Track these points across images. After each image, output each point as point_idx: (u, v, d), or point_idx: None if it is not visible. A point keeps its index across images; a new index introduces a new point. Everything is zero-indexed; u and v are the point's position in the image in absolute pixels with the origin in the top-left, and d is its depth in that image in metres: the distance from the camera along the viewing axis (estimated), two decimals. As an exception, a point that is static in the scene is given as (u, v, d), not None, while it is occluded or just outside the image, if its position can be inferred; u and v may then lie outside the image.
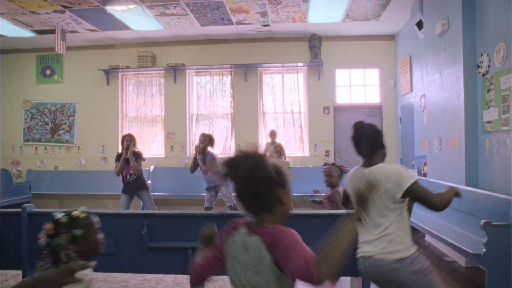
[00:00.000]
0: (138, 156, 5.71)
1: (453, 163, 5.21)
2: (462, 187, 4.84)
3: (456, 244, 4.14)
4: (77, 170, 9.08)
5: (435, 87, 5.89)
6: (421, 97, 6.68)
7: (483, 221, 3.60)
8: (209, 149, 5.82)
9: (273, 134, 7.82)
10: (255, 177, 1.46)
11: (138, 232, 3.09)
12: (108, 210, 3.15)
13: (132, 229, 3.12)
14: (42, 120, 9.32)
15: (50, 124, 9.30)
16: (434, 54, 5.87)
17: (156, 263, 3.16)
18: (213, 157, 5.68)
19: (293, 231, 1.41)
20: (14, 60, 9.40)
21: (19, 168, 9.17)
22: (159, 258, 3.14)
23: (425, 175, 6.42)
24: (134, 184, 5.64)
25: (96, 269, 3.49)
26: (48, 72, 9.36)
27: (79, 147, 9.18)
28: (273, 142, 7.73)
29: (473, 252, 3.70)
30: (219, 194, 5.80)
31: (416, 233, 6.47)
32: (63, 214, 1.82)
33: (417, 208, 6.35)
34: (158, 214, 3.13)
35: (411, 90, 7.35)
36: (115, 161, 5.82)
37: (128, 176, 5.63)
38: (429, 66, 6.17)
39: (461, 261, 4.79)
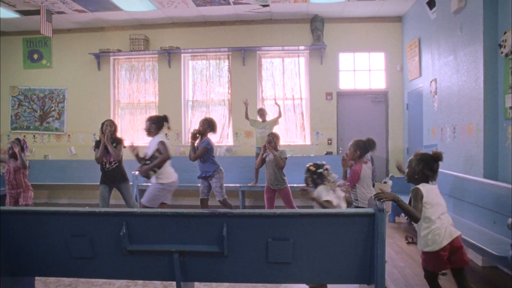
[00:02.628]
0: (118, 142, 5.37)
1: (469, 152, 4.78)
2: (479, 179, 4.44)
3: (476, 243, 3.74)
4: (67, 159, 8.66)
5: (448, 70, 5.43)
6: (431, 81, 6.23)
7: (510, 220, 3.19)
8: (209, 135, 5.45)
9: (262, 113, 7.41)
10: None
11: (116, 233, 2.68)
12: (81, 209, 2.72)
13: (109, 229, 2.71)
14: (30, 107, 8.88)
15: (38, 111, 8.86)
16: (448, 34, 5.40)
17: (137, 268, 2.75)
18: (205, 146, 5.26)
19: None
20: (0, 44, 8.91)
21: (7, 157, 8.73)
22: (141, 263, 2.74)
23: (435, 165, 5.99)
24: (114, 173, 5.30)
25: (68, 274, 3.12)
26: (35, 56, 8.88)
27: (69, 135, 8.75)
28: (263, 120, 7.33)
29: (499, 255, 3.29)
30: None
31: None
32: None
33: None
34: (139, 213, 2.71)
35: (420, 74, 6.90)
36: (94, 149, 5.45)
37: (107, 165, 5.29)
38: (441, 48, 5.70)
39: (477, 260, 4.40)
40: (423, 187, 3.02)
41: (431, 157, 3.17)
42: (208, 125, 5.41)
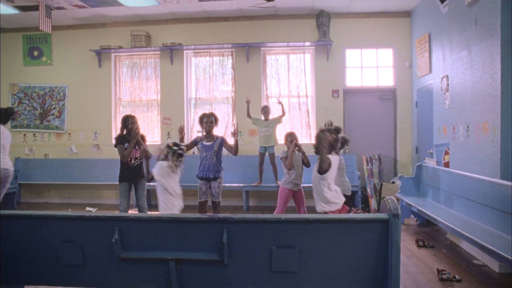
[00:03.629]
0: (143, 139, 5.29)
1: (484, 152, 4.54)
2: (496, 180, 4.20)
3: (493, 248, 3.51)
4: (68, 158, 8.49)
5: (461, 66, 5.19)
6: (442, 78, 5.99)
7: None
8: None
9: (265, 111, 7.16)
10: None
11: (108, 240, 2.48)
12: (70, 213, 2.52)
13: (100, 235, 2.52)
14: (30, 105, 8.71)
15: (38, 109, 8.69)
16: (461, 28, 5.16)
17: (131, 277, 2.56)
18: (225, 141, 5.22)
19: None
20: (0, 41, 8.76)
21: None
22: (135, 271, 2.54)
23: (446, 165, 5.77)
24: (137, 170, 5.23)
25: (57, 282, 2.92)
26: (35, 53, 8.71)
27: (70, 133, 8.58)
28: (266, 119, 7.10)
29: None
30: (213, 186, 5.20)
31: (435, 229, 5.86)
32: None
33: (436, 200, 5.75)
34: (132, 218, 2.50)
35: (430, 71, 6.66)
36: (116, 145, 5.23)
37: (133, 160, 5.18)
38: (453, 43, 5.46)
39: (494, 265, 4.17)
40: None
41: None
42: (215, 121, 5.29)
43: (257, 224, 2.43)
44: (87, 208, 7.70)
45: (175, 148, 3.96)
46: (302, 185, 5.16)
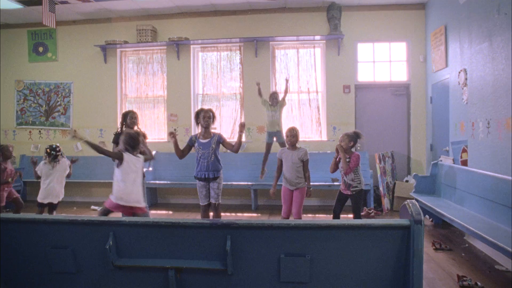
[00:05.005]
0: (143, 136, 4.94)
1: (507, 150, 4.27)
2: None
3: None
4: (73, 156, 8.31)
5: (481, 59, 4.91)
6: (459, 72, 5.70)
7: None
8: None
9: (274, 97, 6.81)
10: None
11: (102, 246, 2.28)
12: (61, 217, 2.33)
13: (94, 241, 2.32)
14: (35, 101, 8.58)
15: (44, 106, 8.56)
16: (482, 18, 4.87)
17: (127, 286, 2.36)
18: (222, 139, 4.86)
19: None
20: (5, 37, 8.65)
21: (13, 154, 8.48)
22: (131, 280, 2.34)
23: (463, 163, 5.50)
24: None
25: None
26: (41, 49, 8.57)
27: (75, 130, 8.41)
28: (273, 104, 6.77)
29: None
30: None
31: (452, 230, 5.59)
32: None
33: (452, 200, 5.48)
34: (128, 222, 2.30)
35: (446, 65, 6.37)
36: (112, 142, 5.04)
37: None
38: (473, 35, 5.17)
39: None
40: None
41: None
42: (213, 117, 4.93)
43: (263, 230, 2.21)
44: (92, 207, 7.56)
45: (52, 152, 5.43)
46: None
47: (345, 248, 2.17)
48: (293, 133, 4.85)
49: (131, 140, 4.01)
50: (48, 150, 5.43)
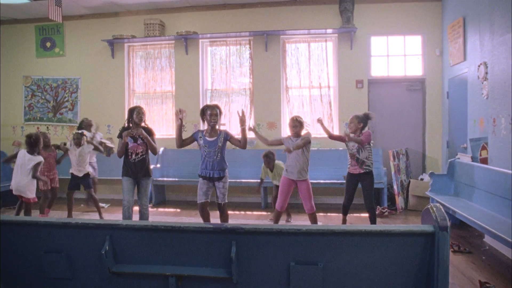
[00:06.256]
0: (150, 132, 4.86)
1: (532, 148, 4.02)
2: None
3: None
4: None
5: (504, 51, 4.64)
6: (479, 66, 5.44)
7: None
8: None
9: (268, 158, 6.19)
10: None
11: (98, 251, 2.12)
12: (55, 220, 2.17)
13: (89, 245, 2.16)
14: (43, 97, 8.50)
15: (51, 102, 8.47)
16: (505, 8, 4.60)
17: (126, 295, 2.18)
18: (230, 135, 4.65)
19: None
20: (12, 32, 8.58)
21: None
22: (129, 287, 2.17)
23: (483, 161, 5.24)
24: (139, 166, 4.77)
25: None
26: (48, 44, 8.47)
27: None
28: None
29: None
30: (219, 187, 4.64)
31: (470, 231, 5.35)
32: None
33: (471, 200, 5.23)
34: (125, 226, 2.13)
35: (464, 58, 6.11)
36: (118, 137, 4.89)
37: (133, 156, 4.76)
38: (495, 26, 4.90)
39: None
40: None
41: None
42: (220, 113, 4.70)
43: (272, 235, 2.02)
44: (100, 204, 7.43)
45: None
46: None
47: (362, 256, 1.97)
48: (295, 124, 4.75)
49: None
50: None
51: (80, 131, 6.37)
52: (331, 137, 5.31)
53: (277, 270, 2.03)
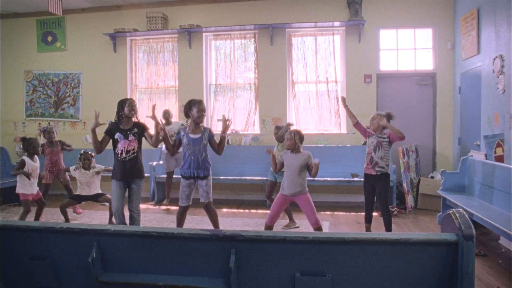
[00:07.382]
0: (144, 128, 4.42)
1: (554, 145, 3.79)
2: None
3: None
4: (83, 148, 8.08)
5: (522, 42, 4.41)
6: (494, 59, 5.20)
7: None
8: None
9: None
10: None
11: (85, 258, 1.94)
12: (38, 224, 1.99)
13: (76, 252, 1.98)
14: (44, 92, 8.35)
15: (53, 97, 8.32)
16: (523, -3, 4.36)
17: (115, 307, 2.00)
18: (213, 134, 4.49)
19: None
20: (13, 26, 8.43)
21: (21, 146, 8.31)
22: (120, 299, 1.99)
23: (498, 159, 5.01)
24: (130, 166, 4.26)
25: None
26: (49, 38, 8.31)
27: (84, 122, 8.19)
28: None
29: None
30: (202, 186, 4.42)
31: (484, 233, 5.13)
32: None
33: (486, 199, 5.00)
34: (113, 231, 1.95)
35: (478, 52, 5.86)
36: (104, 132, 4.41)
37: (124, 154, 4.24)
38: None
39: None
40: None
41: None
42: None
43: (275, 244, 1.83)
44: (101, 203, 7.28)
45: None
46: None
47: (375, 267, 1.77)
48: (290, 137, 4.19)
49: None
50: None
51: (89, 152, 6.12)
52: (356, 124, 4.93)
53: (280, 281, 1.83)
